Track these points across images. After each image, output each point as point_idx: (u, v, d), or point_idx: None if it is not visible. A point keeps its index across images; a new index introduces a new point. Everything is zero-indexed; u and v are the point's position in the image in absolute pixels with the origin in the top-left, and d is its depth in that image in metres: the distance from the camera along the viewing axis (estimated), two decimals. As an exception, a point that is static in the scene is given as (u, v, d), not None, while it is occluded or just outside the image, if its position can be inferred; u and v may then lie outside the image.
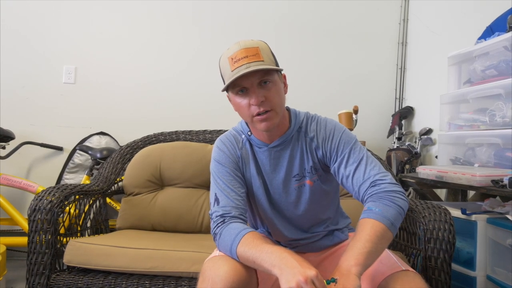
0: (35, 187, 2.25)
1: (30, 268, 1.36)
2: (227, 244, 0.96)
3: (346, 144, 1.06)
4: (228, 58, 1.00)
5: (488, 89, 1.72)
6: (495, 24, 1.93)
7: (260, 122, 1.01)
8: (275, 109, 1.01)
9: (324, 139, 1.08)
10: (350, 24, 2.79)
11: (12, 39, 2.48)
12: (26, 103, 2.49)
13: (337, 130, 1.09)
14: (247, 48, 0.99)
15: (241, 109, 1.04)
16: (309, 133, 1.11)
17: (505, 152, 1.64)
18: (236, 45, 1.00)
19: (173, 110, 2.61)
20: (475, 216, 1.49)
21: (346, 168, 1.04)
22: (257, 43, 1.02)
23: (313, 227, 1.16)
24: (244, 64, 0.97)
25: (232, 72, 0.98)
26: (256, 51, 0.99)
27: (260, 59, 0.98)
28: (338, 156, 1.06)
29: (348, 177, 1.03)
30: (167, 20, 2.63)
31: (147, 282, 1.35)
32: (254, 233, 0.96)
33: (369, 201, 0.97)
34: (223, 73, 1.04)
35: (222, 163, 1.10)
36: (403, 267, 0.97)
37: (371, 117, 2.77)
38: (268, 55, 1.02)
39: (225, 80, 1.03)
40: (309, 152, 1.10)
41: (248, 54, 0.98)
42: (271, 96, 1.00)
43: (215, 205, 1.04)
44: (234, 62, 0.98)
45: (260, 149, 1.11)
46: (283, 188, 1.11)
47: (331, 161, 1.08)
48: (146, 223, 1.79)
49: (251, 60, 0.97)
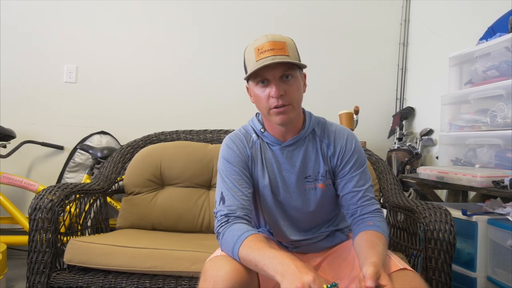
0: (36, 186, 2.25)
1: (31, 266, 1.36)
2: (230, 245, 0.96)
3: (359, 165, 1.12)
4: (254, 48, 1.01)
5: (489, 90, 1.72)
6: (497, 25, 1.93)
7: (276, 115, 1.02)
8: (292, 104, 1.02)
9: (342, 150, 1.11)
10: (351, 24, 2.79)
11: (13, 38, 2.48)
12: (27, 102, 2.50)
13: (356, 148, 1.13)
14: (275, 41, 1.00)
15: (259, 100, 1.04)
16: (325, 138, 1.12)
17: (506, 153, 1.63)
18: (264, 37, 1.02)
19: (174, 109, 2.62)
20: (476, 217, 1.49)
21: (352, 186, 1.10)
22: (285, 38, 1.03)
23: (316, 228, 1.16)
24: (269, 56, 0.98)
25: (256, 62, 0.99)
26: (283, 45, 1.00)
27: (285, 53, 1.00)
28: (350, 173, 1.10)
29: (349, 193, 1.10)
30: (168, 19, 2.64)
31: (147, 281, 1.35)
32: (257, 236, 0.95)
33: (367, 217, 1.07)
34: (246, 62, 1.05)
35: (231, 161, 1.09)
36: (401, 266, 0.97)
37: (372, 117, 2.77)
38: (294, 52, 1.04)
39: (247, 69, 1.04)
40: (325, 157, 1.11)
41: (275, 47, 0.99)
42: (291, 91, 1.01)
43: (221, 204, 1.03)
44: (260, 52, 0.99)
45: (273, 146, 1.11)
46: (294, 188, 1.11)
47: (341, 172, 1.11)
48: (146, 223, 1.80)
49: (277, 53, 0.99)
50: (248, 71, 1.02)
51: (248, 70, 1.03)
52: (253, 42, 1.04)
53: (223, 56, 2.66)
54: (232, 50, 2.64)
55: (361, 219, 1.07)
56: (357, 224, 1.07)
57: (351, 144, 1.12)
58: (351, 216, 1.10)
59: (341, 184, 1.11)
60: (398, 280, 0.92)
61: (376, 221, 1.06)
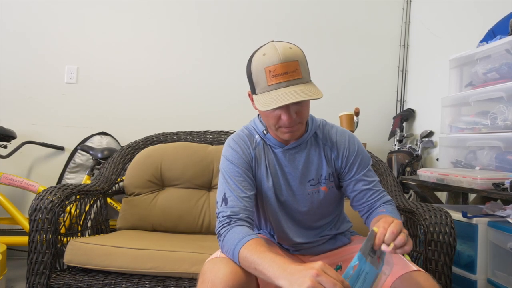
0: (36, 186, 2.25)
1: (31, 267, 1.36)
2: (230, 248, 0.95)
3: (365, 164, 1.12)
4: (265, 69, 0.94)
5: (490, 92, 1.72)
6: (497, 27, 1.93)
7: (285, 133, 1.01)
8: (302, 122, 1.02)
9: (346, 152, 1.11)
10: (351, 26, 2.79)
11: (14, 38, 2.48)
12: (28, 103, 2.50)
13: (359, 149, 1.13)
14: (287, 62, 0.93)
15: (267, 117, 1.01)
16: (328, 141, 1.12)
17: (506, 155, 1.63)
18: (274, 53, 0.94)
19: (174, 110, 2.62)
20: (476, 219, 1.49)
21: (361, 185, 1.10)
22: (296, 54, 0.96)
23: (319, 230, 1.16)
24: (283, 82, 0.93)
25: (268, 87, 0.94)
26: (295, 66, 0.94)
27: (299, 75, 0.94)
28: (357, 174, 1.11)
29: (360, 193, 1.11)
30: (171, 21, 2.64)
31: (147, 282, 1.35)
32: (258, 240, 0.94)
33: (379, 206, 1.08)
34: (255, 80, 0.98)
35: (235, 163, 1.07)
36: (415, 268, 0.97)
37: (372, 119, 2.77)
38: (305, 68, 0.98)
39: (257, 89, 0.98)
40: (328, 160, 1.11)
41: (288, 70, 0.93)
42: (303, 112, 1.00)
43: (223, 205, 1.02)
44: (271, 76, 0.93)
45: (275, 149, 1.11)
46: (297, 191, 1.11)
47: (348, 174, 1.12)
48: (146, 224, 1.80)
49: (291, 78, 0.93)
50: (257, 92, 0.97)
51: (257, 90, 0.98)
52: (261, 57, 0.96)
53: (226, 58, 2.67)
54: (235, 53, 2.65)
55: (374, 209, 1.09)
56: (371, 215, 1.09)
57: (354, 145, 1.12)
58: (366, 212, 1.11)
59: (350, 185, 1.11)
60: (413, 281, 0.92)
61: (389, 209, 1.07)
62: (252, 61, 0.99)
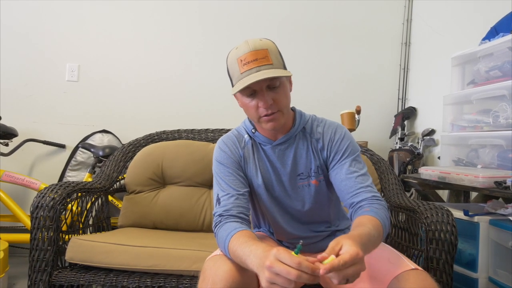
0: (38, 184, 2.25)
1: (32, 264, 1.36)
2: (221, 244, 0.96)
3: (351, 152, 1.09)
4: (237, 60, 1.00)
5: (492, 90, 1.72)
6: (500, 25, 1.93)
7: (267, 122, 1.03)
8: (282, 110, 1.03)
9: (331, 141, 1.10)
10: (353, 24, 2.79)
11: (15, 36, 2.48)
12: (29, 101, 2.50)
13: (346, 137, 1.11)
14: (256, 50, 0.98)
15: (248, 109, 1.05)
16: (315, 134, 1.12)
17: (508, 153, 1.63)
18: (245, 45, 1.00)
19: (175, 108, 2.62)
20: (478, 217, 1.49)
21: (344, 173, 1.06)
22: (266, 44, 1.01)
23: (315, 224, 1.17)
24: (254, 68, 0.97)
25: (241, 75, 0.99)
26: (265, 53, 0.99)
27: (269, 62, 0.99)
28: (341, 161, 1.08)
29: (342, 182, 1.06)
30: (172, 19, 2.64)
31: (148, 280, 1.35)
32: (244, 232, 0.94)
33: (365, 204, 1.00)
34: (231, 73, 1.04)
35: (224, 163, 1.11)
36: (412, 266, 0.96)
37: (374, 117, 2.77)
38: (277, 56, 1.02)
39: (233, 80, 1.04)
40: (315, 152, 1.12)
41: (258, 57, 0.98)
42: (279, 99, 1.02)
43: (217, 206, 1.05)
44: (243, 64, 0.98)
45: (264, 146, 1.13)
46: (288, 186, 1.12)
47: (332, 162, 1.09)
48: (147, 221, 1.80)
49: (261, 64, 0.98)
50: (234, 83, 1.03)
51: (233, 82, 1.03)
52: (234, 51, 1.02)
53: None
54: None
55: (359, 207, 1.01)
56: (355, 214, 1.02)
57: (340, 134, 1.11)
58: (350, 207, 1.04)
59: (333, 173, 1.09)
60: (410, 280, 0.91)
61: (374, 207, 0.99)
62: (228, 57, 1.05)
